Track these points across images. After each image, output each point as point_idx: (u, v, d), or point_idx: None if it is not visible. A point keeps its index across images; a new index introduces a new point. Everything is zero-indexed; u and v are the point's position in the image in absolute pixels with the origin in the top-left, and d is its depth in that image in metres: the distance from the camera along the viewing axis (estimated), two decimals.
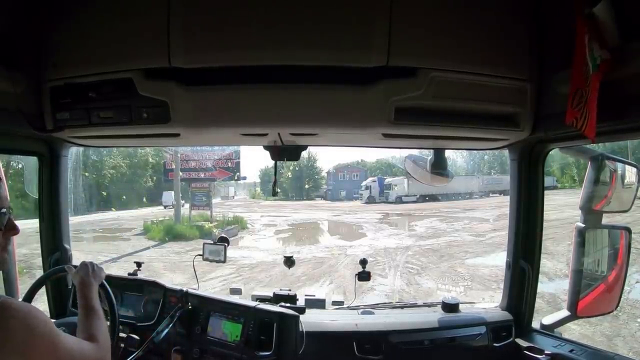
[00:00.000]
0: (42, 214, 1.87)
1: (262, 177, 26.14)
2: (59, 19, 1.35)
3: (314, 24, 1.21)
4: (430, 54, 1.27)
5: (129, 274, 1.96)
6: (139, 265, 2.02)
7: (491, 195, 20.06)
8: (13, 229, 0.98)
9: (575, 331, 4.87)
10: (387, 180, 21.73)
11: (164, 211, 16.84)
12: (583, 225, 1.64)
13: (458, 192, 20.55)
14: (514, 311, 1.85)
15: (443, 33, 1.27)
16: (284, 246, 13.15)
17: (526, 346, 1.72)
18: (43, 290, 1.64)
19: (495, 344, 1.78)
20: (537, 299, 1.84)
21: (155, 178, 18.98)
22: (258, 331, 1.64)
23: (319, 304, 1.98)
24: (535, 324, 1.83)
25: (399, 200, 20.70)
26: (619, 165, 1.70)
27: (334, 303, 2.06)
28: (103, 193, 17.39)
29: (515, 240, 1.81)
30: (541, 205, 1.76)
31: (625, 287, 1.75)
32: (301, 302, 1.87)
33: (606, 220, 1.68)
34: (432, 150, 1.84)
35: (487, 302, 2.41)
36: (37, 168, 1.84)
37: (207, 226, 13.75)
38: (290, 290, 1.88)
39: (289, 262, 2.03)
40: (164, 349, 1.73)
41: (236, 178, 15.80)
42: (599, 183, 1.63)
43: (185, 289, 1.80)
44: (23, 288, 1.71)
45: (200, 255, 1.98)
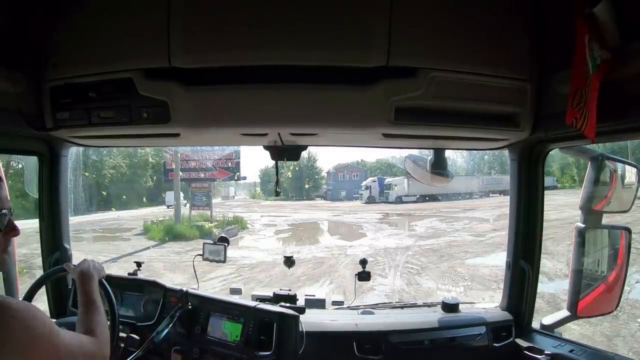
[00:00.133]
0: (42, 214, 1.87)
1: (262, 177, 26.18)
2: (59, 19, 1.35)
3: (314, 24, 1.21)
4: (430, 54, 1.27)
5: (129, 274, 1.96)
6: (139, 265, 2.02)
7: (491, 195, 20.07)
8: (13, 230, 0.98)
9: (575, 331, 4.86)
10: (387, 180, 21.75)
11: (164, 211, 16.83)
12: (583, 225, 1.64)
13: (458, 192, 20.56)
14: (514, 311, 1.85)
15: (443, 33, 1.27)
16: (284, 246, 13.14)
17: (526, 346, 1.72)
18: (43, 290, 1.64)
19: (495, 344, 1.78)
20: (537, 299, 1.84)
21: (155, 178, 18.99)
22: (258, 331, 1.64)
23: (319, 304, 1.98)
24: (535, 324, 1.83)
25: (399, 200, 20.71)
26: (619, 165, 1.70)
27: (334, 303, 2.06)
28: (103, 193, 17.39)
29: (515, 240, 1.81)
30: (541, 205, 1.76)
31: (625, 287, 1.75)
32: (301, 302, 1.87)
33: (606, 220, 1.68)
34: (432, 150, 1.84)
35: (487, 302, 2.41)
36: (37, 168, 1.84)
37: (207, 226, 13.75)
38: (290, 290, 1.88)
39: (289, 262, 2.03)
40: (164, 349, 1.73)
41: (236, 178, 15.81)
42: (599, 183, 1.63)
43: (185, 289, 1.80)
44: (23, 288, 1.71)
45: (200, 255, 1.97)
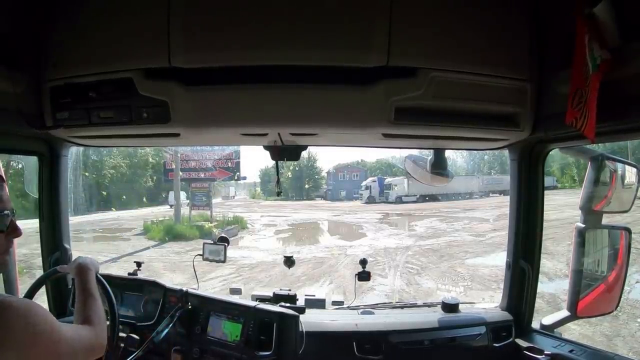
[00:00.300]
0: (42, 214, 1.87)
1: (262, 177, 26.20)
2: (59, 19, 1.35)
3: (314, 24, 1.21)
4: (430, 54, 1.27)
5: (129, 274, 1.96)
6: (139, 265, 2.02)
7: (491, 195, 20.08)
8: (15, 231, 0.98)
9: (575, 331, 4.86)
10: (387, 180, 21.75)
11: (164, 211, 16.82)
12: (583, 225, 1.64)
13: (458, 192, 20.57)
14: (514, 311, 1.85)
15: (443, 33, 1.27)
16: (284, 246, 13.14)
17: (526, 346, 1.72)
18: (43, 290, 1.64)
19: (495, 344, 1.78)
20: (537, 299, 1.84)
21: (155, 178, 18.99)
22: (258, 331, 1.64)
23: (319, 304, 1.98)
24: (535, 324, 1.83)
25: (399, 200, 20.72)
26: (619, 165, 1.70)
27: (334, 303, 2.06)
28: (103, 193, 17.39)
29: (515, 240, 1.81)
30: (541, 205, 1.75)
31: (625, 287, 1.75)
32: (301, 302, 1.87)
33: (606, 220, 1.68)
34: (432, 150, 1.84)
35: (487, 302, 2.41)
36: (37, 168, 1.84)
37: (207, 226, 13.75)
38: (290, 290, 1.88)
39: (289, 262, 2.03)
40: (164, 349, 1.73)
41: (236, 178, 15.81)
42: (599, 183, 1.63)
43: (185, 289, 1.80)
44: (23, 288, 1.71)
45: (200, 255, 1.97)
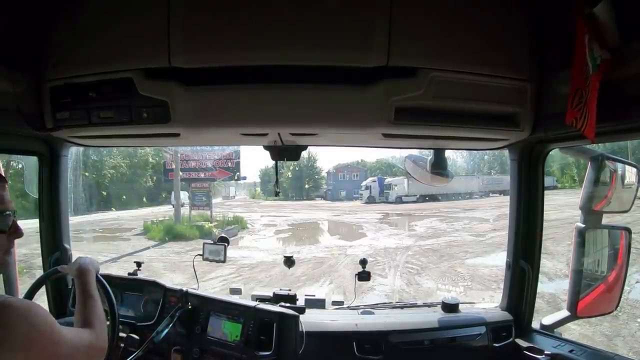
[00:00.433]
0: (42, 214, 1.87)
1: (262, 177, 26.18)
2: (59, 19, 1.35)
3: (314, 24, 1.21)
4: (430, 54, 1.27)
5: (129, 274, 1.96)
6: (139, 265, 2.02)
7: (491, 195, 20.07)
8: (16, 232, 0.99)
9: (575, 331, 4.86)
10: (387, 180, 21.74)
11: (164, 211, 16.82)
12: (583, 225, 1.64)
13: (458, 192, 20.55)
14: (514, 311, 1.85)
15: (443, 33, 1.27)
16: (284, 246, 13.14)
17: (526, 346, 1.72)
18: (43, 290, 1.64)
19: (495, 344, 1.78)
20: (537, 299, 1.84)
21: (155, 178, 18.96)
22: (258, 331, 1.64)
23: (319, 304, 1.98)
24: (535, 324, 1.83)
25: (399, 200, 20.71)
26: (619, 165, 1.70)
27: (334, 303, 2.06)
28: (103, 193, 17.38)
29: (515, 240, 1.81)
30: (541, 205, 1.76)
31: (625, 287, 1.75)
32: (301, 302, 1.87)
33: (606, 220, 1.68)
34: (432, 150, 1.84)
35: (487, 302, 2.41)
36: (37, 168, 1.84)
37: (207, 226, 13.74)
38: (290, 290, 1.88)
39: (289, 262, 2.03)
40: (164, 349, 1.73)
41: (236, 178, 15.79)
42: (599, 183, 1.63)
43: (185, 289, 1.80)
44: (23, 288, 1.71)
45: (200, 255, 1.97)
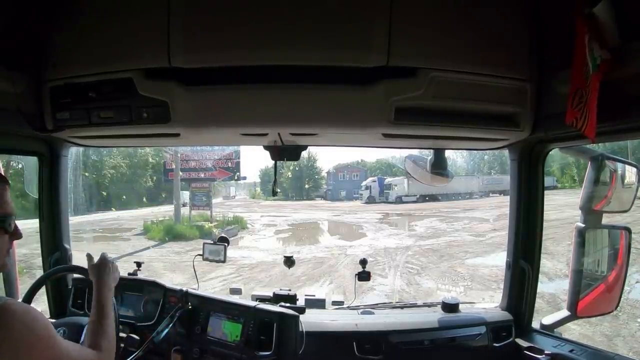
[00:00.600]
0: (42, 214, 1.87)
1: (262, 177, 26.21)
2: (59, 19, 1.35)
3: (314, 24, 1.21)
4: (430, 54, 1.27)
5: (129, 274, 1.96)
6: (139, 265, 2.02)
7: (491, 195, 20.09)
8: (16, 234, 1.02)
9: (575, 331, 4.87)
10: (387, 180, 21.75)
11: (164, 211, 16.81)
12: (583, 225, 1.64)
13: (458, 192, 20.57)
14: (514, 311, 1.85)
15: (443, 33, 1.27)
16: (284, 246, 13.14)
17: (526, 346, 1.72)
18: (43, 290, 1.64)
19: (495, 344, 1.78)
20: (537, 299, 1.84)
21: (155, 178, 18.98)
22: (258, 331, 1.64)
23: (319, 304, 1.98)
24: (535, 324, 1.83)
25: (399, 200, 20.72)
26: (619, 165, 1.70)
27: (334, 303, 2.06)
28: (103, 193, 17.40)
29: (515, 240, 1.81)
30: (541, 205, 1.75)
31: (625, 287, 1.75)
32: (301, 302, 1.87)
33: (606, 220, 1.68)
34: (432, 150, 1.84)
35: (487, 302, 2.41)
36: (37, 168, 1.84)
37: (207, 226, 13.75)
38: (290, 290, 1.88)
39: (289, 262, 2.03)
40: (164, 349, 1.72)
41: (236, 178, 15.80)
42: (599, 183, 1.63)
43: (185, 289, 1.80)
44: (23, 288, 1.71)
45: (200, 255, 1.97)
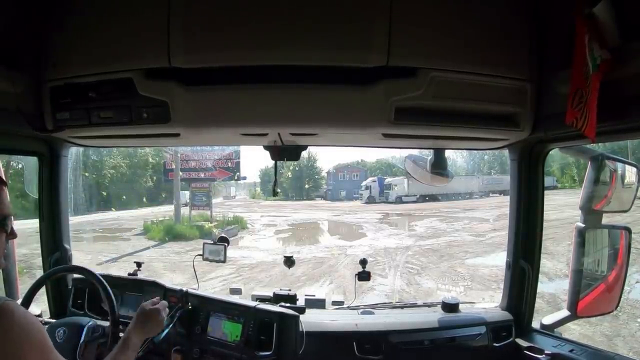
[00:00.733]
0: (42, 214, 1.87)
1: (262, 177, 26.19)
2: (59, 19, 1.35)
3: (314, 24, 1.21)
4: (430, 54, 1.27)
5: (129, 274, 1.96)
6: (139, 265, 2.02)
7: (491, 195, 20.08)
8: (12, 234, 1.03)
9: (575, 331, 4.87)
10: (387, 180, 21.75)
11: (164, 211, 16.81)
12: (583, 225, 1.64)
13: (458, 192, 20.57)
14: (514, 311, 1.85)
15: (443, 33, 1.27)
16: (284, 246, 13.14)
17: (526, 346, 1.72)
18: (43, 290, 1.64)
19: (495, 344, 1.78)
20: (537, 299, 1.84)
21: (155, 178, 18.97)
22: (258, 331, 1.64)
23: (319, 304, 1.98)
24: (535, 324, 1.83)
25: (399, 200, 20.72)
26: (619, 165, 1.70)
27: (334, 303, 2.06)
28: (103, 193, 17.39)
29: (515, 240, 1.81)
30: (541, 205, 1.76)
31: (625, 287, 1.75)
32: (301, 302, 1.87)
33: (606, 220, 1.67)
34: (432, 150, 1.84)
35: (487, 302, 2.41)
36: (37, 168, 1.84)
37: (207, 226, 13.75)
38: (290, 290, 1.88)
39: (289, 262, 2.03)
40: (164, 349, 1.72)
41: (236, 178, 15.80)
42: (599, 183, 1.63)
43: (185, 289, 1.80)
44: (23, 288, 1.71)
45: (200, 255, 1.97)
